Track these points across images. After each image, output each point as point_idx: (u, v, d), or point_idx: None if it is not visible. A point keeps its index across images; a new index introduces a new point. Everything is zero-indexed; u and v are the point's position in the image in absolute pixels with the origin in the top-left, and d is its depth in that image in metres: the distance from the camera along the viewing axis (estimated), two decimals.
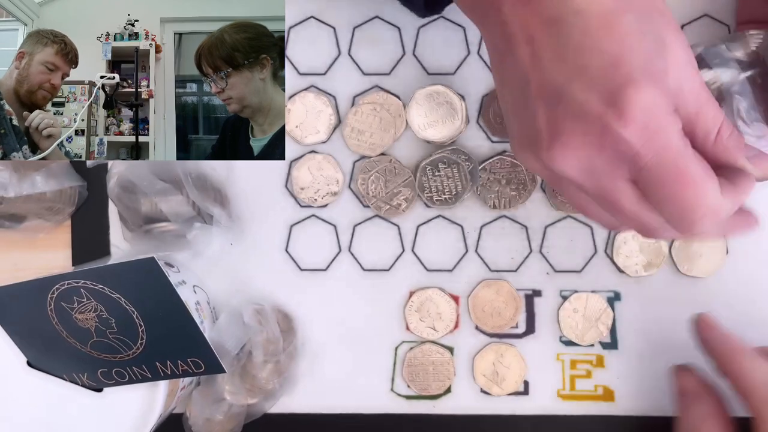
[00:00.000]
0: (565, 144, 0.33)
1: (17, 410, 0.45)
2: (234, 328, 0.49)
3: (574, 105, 0.32)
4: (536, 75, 0.33)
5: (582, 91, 0.32)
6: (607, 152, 0.33)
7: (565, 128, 0.33)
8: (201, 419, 0.50)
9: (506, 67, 0.36)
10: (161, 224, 0.48)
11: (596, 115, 0.32)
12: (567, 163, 0.34)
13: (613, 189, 0.34)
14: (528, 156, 0.36)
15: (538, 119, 0.34)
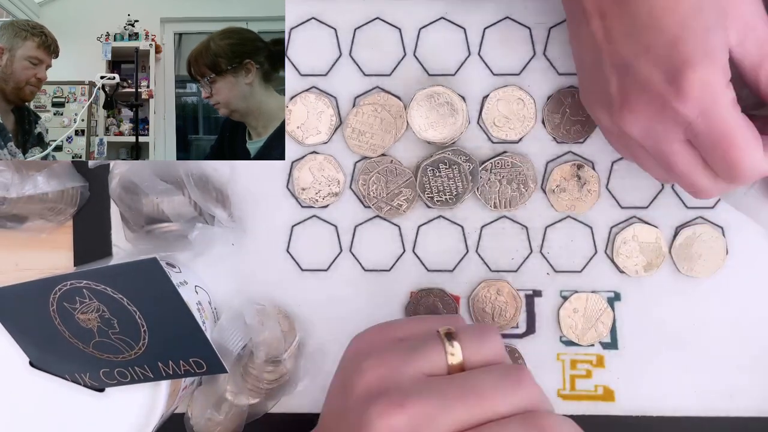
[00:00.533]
0: (631, 110, 0.39)
1: (19, 410, 0.45)
2: (235, 328, 0.49)
3: (640, 79, 0.37)
4: (608, 47, 0.38)
5: (647, 67, 0.37)
6: (666, 121, 0.38)
7: (632, 97, 0.38)
8: (202, 419, 0.50)
9: (582, 35, 0.41)
10: (163, 224, 0.48)
11: (658, 91, 0.37)
12: (632, 125, 0.39)
13: (669, 151, 0.39)
14: (600, 111, 0.42)
15: (611, 86, 0.39)
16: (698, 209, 0.51)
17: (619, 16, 0.37)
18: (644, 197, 0.51)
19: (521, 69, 0.51)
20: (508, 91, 0.51)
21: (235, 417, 0.50)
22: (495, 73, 0.51)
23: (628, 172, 0.51)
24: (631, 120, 0.39)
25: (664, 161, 0.40)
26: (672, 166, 0.40)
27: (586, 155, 0.51)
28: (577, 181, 0.51)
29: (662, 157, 0.40)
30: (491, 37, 0.51)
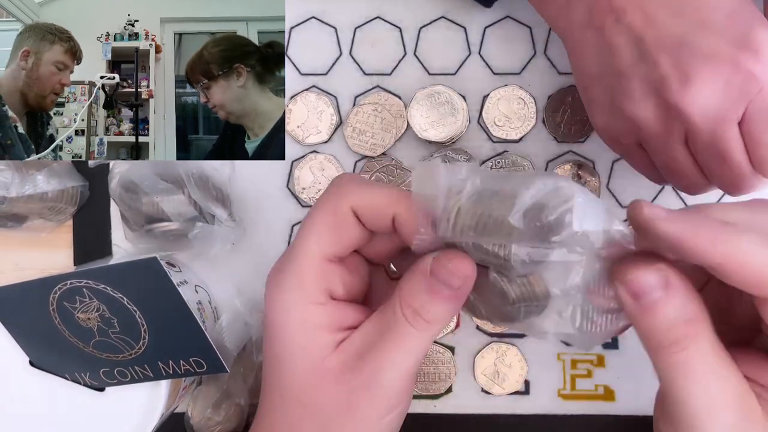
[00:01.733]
0: (695, 83, 0.37)
1: (19, 409, 0.45)
2: (236, 328, 0.49)
3: (701, 50, 0.36)
4: (651, 32, 0.37)
5: (707, 37, 0.36)
6: (733, 89, 0.36)
7: (693, 69, 0.36)
8: (203, 418, 0.50)
9: (609, 35, 0.39)
10: (163, 224, 0.48)
11: (727, 57, 0.36)
12: (696, 101, 0.37)
13: (724, 132, 0.37)
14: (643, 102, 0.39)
15: (661, 66, 0.37)
16: None
17: (661, 4, 0.37)
18: (645, 196, 0.51)
19: (522, 68, 0.51)
20: (509, 91, 0.51)
21: (235, 416, 0.50)
22: (495, 72, 0.51)
23: (628, 172, 0.51)
24: (695, 95, 0.37)
25: (717, 150, 0.38)
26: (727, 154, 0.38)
27: (586, 155, 0.51)
28: (578, 181, 0.51)
29: (716, 143, 0.38)
30: (492, 36, 0.51)
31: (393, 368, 0.35)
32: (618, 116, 0.41)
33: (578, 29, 0.41)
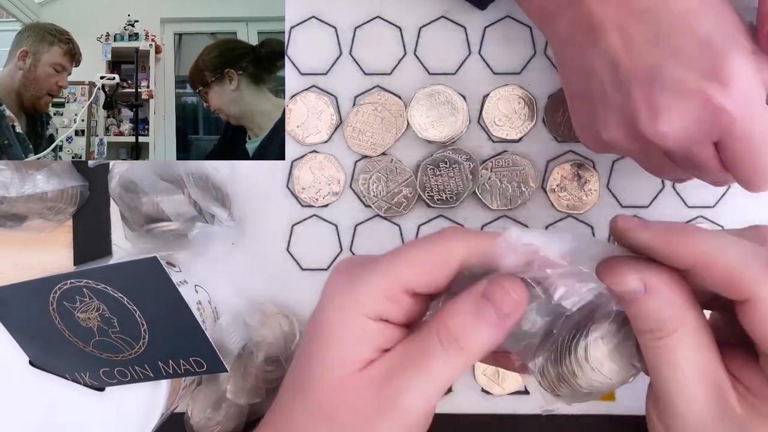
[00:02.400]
0: (666, 119, 0.36)
1: (19, 409, 0.45)
2: (235, 328, 0.49)
3: (671, 81, 0.36)
4: (628, 58, 0.37)
5: (678, 69, 0.36)
6: (704, 121, 0.36)
7: (663, 103, 0.36)
8: (202, 418, 0.50)
9: (589, 58, 0.39)
10: (163, 224, 0.48)
11: (697, 89, 0.35)
12: (667, 134, 0.37)
13: (699, 153, 0.38)
14: (615, 130, 0.39)
15: (634, 99, 0.37)
16: (699, 208, 0.51)
17: (639, 25, 0.36)
18: (645, 196, 0.51)
19: (522, 68, 0.51)
20: (509, 90, 0.51)
21: (235, 416, 0.50)
22: (495, 72, 0.51)
23: (628, 172, 0.51)
24: (664, 129, 0.37)
25: (694, 164, 0.39)
26: (703, 167, 0.39)
27: (586, 154, 0.51)
28: (578, 181, 0.51)
29: (692, 159, 0.38)
30: (492, 36, 0.51)
31: (415, 393, 0.34)
32: (595, 136, 0.41)
33: (561, 44, 0.41)
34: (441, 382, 0.34)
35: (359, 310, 0.35)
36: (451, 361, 0.34)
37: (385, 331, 0.35)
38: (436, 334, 0.34)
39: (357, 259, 0.37)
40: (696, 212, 0.51)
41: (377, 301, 0.35)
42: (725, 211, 0.51)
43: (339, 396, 0.35)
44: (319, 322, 0.36)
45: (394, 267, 0.35)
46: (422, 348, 0.34)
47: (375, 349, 0.35)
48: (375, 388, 0.34)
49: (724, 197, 0.51)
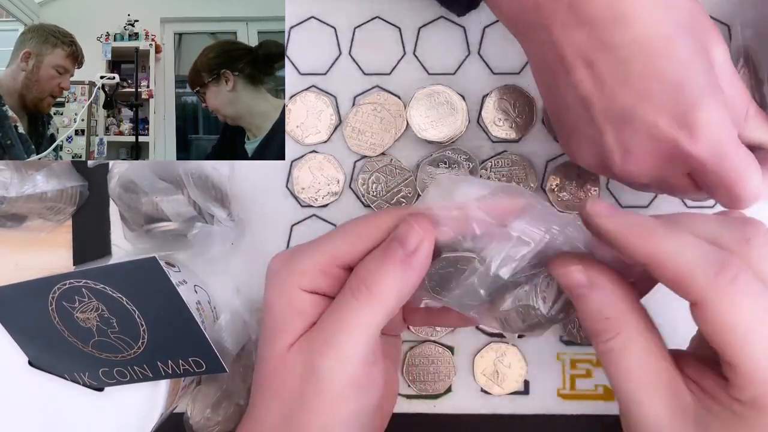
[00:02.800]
0: (637, 159, 0.37)
1: (18, 410, 0.45)
2: (235, 328, 0.49)
3: (643, 126, 0.36)
4: (601, 98, 0.36)
5: (650, 114, 0.35)
6: (676, 163, 0.37)
7: (635, 146, 0.36)
8: (202, 418, 0.50)
9: (561, 86, 0.38)
10: (162, 224, 0.48)
11: (666, 136, 0.35)
12: (637, 174, 0.38)
13: (674, 184, 0.39)
14: (590, 159, 0.40)
15: (606, 138, 0.37)
16: (698, 209, 0.51)
17: (610, 63, 0.35)
18: (644, 196, 0.51)
19: (521, 68, 0.51)
20: (508, 91, 0.51)
21: (234, 416, 0.50)
22: (495, 72, 0.51)
23: None
24: (636, 170, 0.38)
25: (669, 191, 0.41)
26: (677, 193, 0.40)
27: None
28: (577, 181, 0.51)
29: (667, 189, 0.40)
30: (491, 36, 0.51)
31: (333, 353, 0.33)
32: (575, 158, 0.42)
33: (534, 63, 0.40)
34: (358, 335, 0.34)
35: (295, 283, 0.36)
36: (363, 310, 0.34)
37: (320, 303, 0.36)
38: (348, 286, 0.34)
39: (299, 245, 0.38)
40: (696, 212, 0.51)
41: (312, 274, 0.36)
42: None
43: (277, 371, 0.35)
44: (264, 303, 0.37)
45: (329, 242, 0.36)
46: (337, 305, 0.35)
47: (309, 322, 0.35)
48: (301, 357, 0.34)
49: None
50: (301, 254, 0.37)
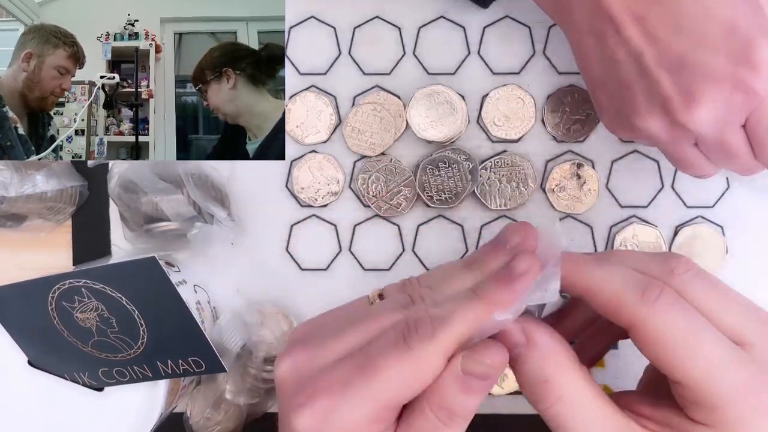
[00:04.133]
0: (699, 102, 0.37)
1: (18, 409, 0.45)
2: (235, 328, 0.49)
3: (701, 69, 0.36)
4: (654, 49, 0.37)
5: (707, 56, 0.36)
6: (735, 104, 0.37)
7: (695, 88, 0.37)
8: (202, 418, 0.50)
9: (610, 45, 0.39)
10: (162, 224, 0.48)
11: (727, 74, 0.36)
12: (701, 120, 0.38)
13: (730, 139, 0.39)
14: (649, 120, 0.39)
15: (663, 87, 0.38)
16: (698, 208, 0.51)
17: (660, 15, 0.36)
18: (644, 196, 0.51)
19: (521, 68, 0.51)
20: (508, 90, 0.51)
21: (234, 416, 0.50)
22: (495, 72, 0.51)
23: (627, 172, 0.51)
24: (700, 114, 0.38)
25: (725, 149, 0.39)
26: (733, 152, 0.40)
27: (585, 154, 0.51)
28: (577, 181, 0.51)
29: (723, 144, 0.39)
30: (491, 35, 0.51)
31: None
32: (625, 126, 0.42)
33: (580, 33, 0.41)
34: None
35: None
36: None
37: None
38: (434, 416, 0.33)
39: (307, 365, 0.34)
40: (695, 212, 0.51)
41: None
42: (725, 211, 0.51)
43: None
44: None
45: (372, 390, 0.32)
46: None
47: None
48: None
49: (723, 197, 0.51)
50: (344, 409, 0.32)
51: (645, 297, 0.32)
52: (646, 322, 0.32)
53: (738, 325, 0.32)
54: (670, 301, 0.32)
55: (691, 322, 0.32)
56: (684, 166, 0.43)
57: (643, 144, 0.44)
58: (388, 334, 0.33)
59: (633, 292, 0.32)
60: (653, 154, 0.51)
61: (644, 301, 0.32)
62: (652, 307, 0.32)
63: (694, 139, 0.40)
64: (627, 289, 0.33)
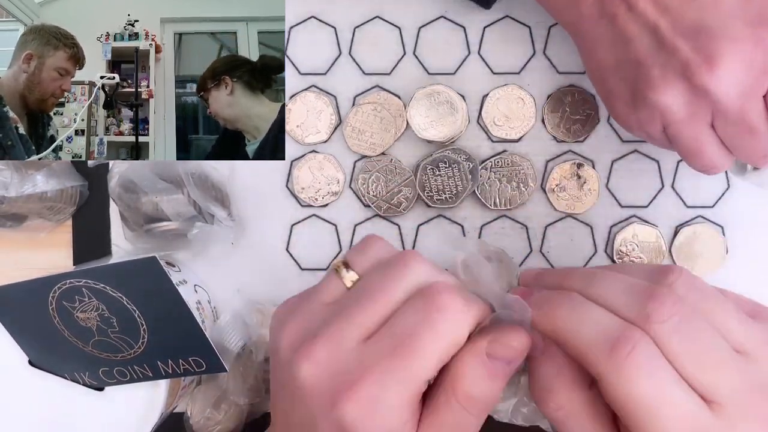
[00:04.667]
0: (720, 62, 0.37)
1: (19, 409, 0.45)
2: (235, 328, 0.49)
3: (719, 30, 0.36)
4: (666, 18, 0.38)
5: (723, 19, 0.36)
6: (756, 66, 0.37)
7: (715, 50, 0.37)
8: (202, 418, 0.50)
9: (621, 23, 0.39)
10: (162, 224, 0.48)
11: (747, 35, 0.36)
12: (724, 80, 0.37)
13: (751, 107, 0.38)
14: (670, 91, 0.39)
15: (682, 53, 0.37)
16: (698, 208, 0.51)
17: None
18: (644, 196, 0.51)
19: (521, 68, 0.51)
20: (508, 90, 0.51)
21: (234, 416, 0.50)
22: (495, 72, 0.51)
23: (628, 171, 0.51)
24: (722, 75, 0.37)
25: (747, 123, 0.38)
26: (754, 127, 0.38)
27: (585, 154, 0.51)
28: (577, 180, 0.51)
29: (745, 117, 0.38)
30: (491, 35, 0.51)
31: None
32: (640, 105, 0.40)
33: (589, 21, 0.41)
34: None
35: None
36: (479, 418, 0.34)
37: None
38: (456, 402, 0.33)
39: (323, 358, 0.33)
40: (695, 212, 0.51)
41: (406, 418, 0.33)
42: (725, 211, 0.51)
43: None
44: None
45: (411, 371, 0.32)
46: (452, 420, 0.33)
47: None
48: None
49: (723, 197, 0.51)
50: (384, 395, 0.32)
51: (614, 352, 0.31)
52: (613, 378, 0.31)
53: (711, 384, 0.31)
54: (642, 359, 0.30)
55: (657, 386, 0.30)
56: (694, 154, 0.41)
57: (652, 140, 0.43)
58: (408, 311, 0.33)
59: (602, 345, 0.31)
60: (653, 154, 0.51)
61: (612, 356, 0.30)
62: (622, 363, 0.30)
63: (711, 114, 0.39)
64: (595, 341, 0.31)
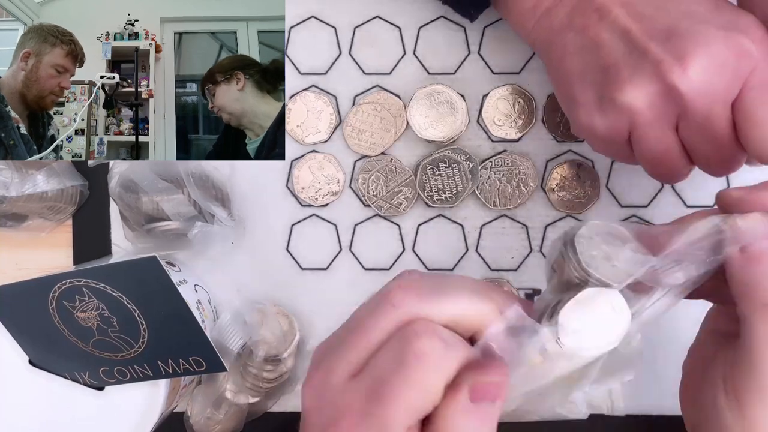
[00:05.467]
0: (692, 61, 0.37)
1: (19, 409, 0.45)
2: (235, 327, 0.49)
3: (692, 34, 0.37)
4: (638, 25, 0.38)
5: (695, 24, 0.37)
6: (727, 69, 0.37)
7: (688, 50, 0.37)
8: (202, 418, 0.50)
9: (593, 32, 0.40)
10: (162, 223, 0.48)
11: (719, 37, 0.37)
12: (693, 82, 0.37)
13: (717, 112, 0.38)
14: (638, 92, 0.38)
15: (653, 53, 0.38)
16: (698, 208, 0.51)
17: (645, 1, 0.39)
18: (644, 196, 0.51)
19: (521, 68, 0.51)
20: (508, 90, 0.51)
21: (234, 416, 0.50)
22: (495, 72, 0.51)
23: (627, 172, 0.51)
24: (693, 72, 0.37)
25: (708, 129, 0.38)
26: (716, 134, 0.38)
27: (586, 154, 0.51)
28: (577, 180, 0.51)
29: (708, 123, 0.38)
30: (491, 35, 0.51)
31: None
32: (608, 109, 0.40)
33: (558, 33, 0.41)
34: None
35: None
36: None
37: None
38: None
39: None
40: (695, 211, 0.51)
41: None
42: None
43: None
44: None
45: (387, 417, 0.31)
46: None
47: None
48: None
49: None
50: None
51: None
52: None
53: None
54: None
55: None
56: (658, 159, 0.41)
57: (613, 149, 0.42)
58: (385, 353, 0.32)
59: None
60: None
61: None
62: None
63: (677, 116, 0.38)
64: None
